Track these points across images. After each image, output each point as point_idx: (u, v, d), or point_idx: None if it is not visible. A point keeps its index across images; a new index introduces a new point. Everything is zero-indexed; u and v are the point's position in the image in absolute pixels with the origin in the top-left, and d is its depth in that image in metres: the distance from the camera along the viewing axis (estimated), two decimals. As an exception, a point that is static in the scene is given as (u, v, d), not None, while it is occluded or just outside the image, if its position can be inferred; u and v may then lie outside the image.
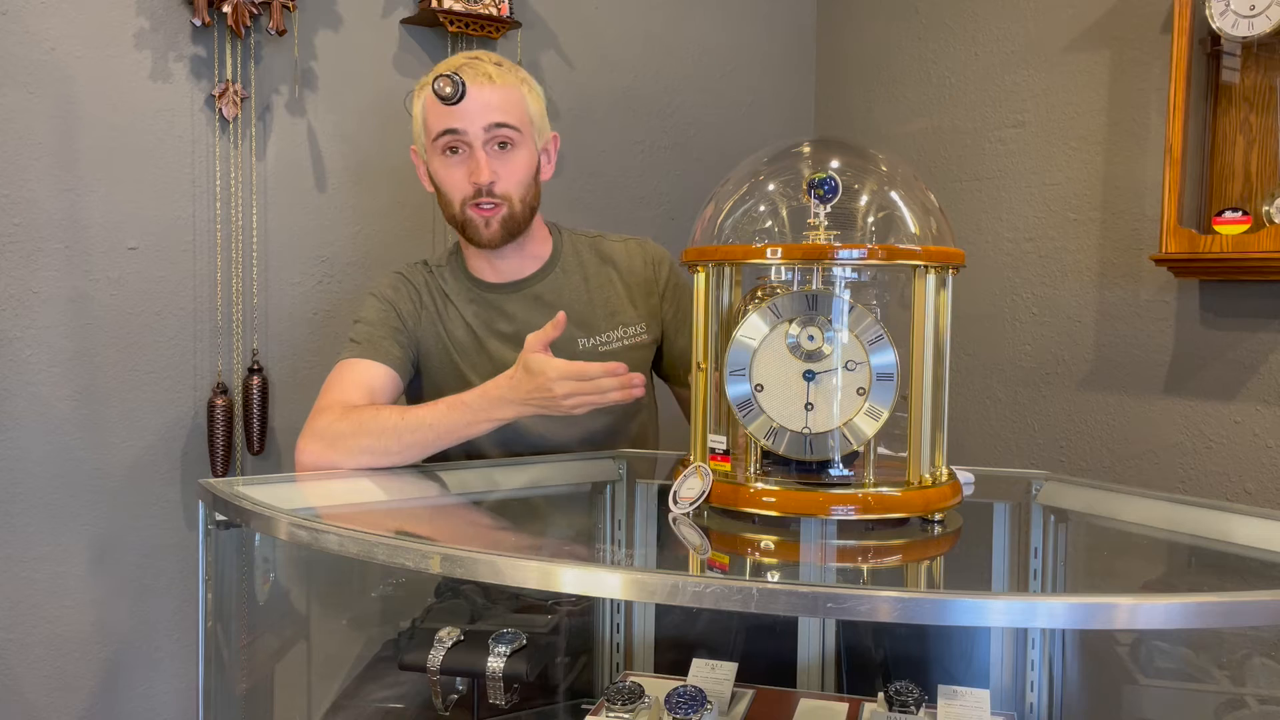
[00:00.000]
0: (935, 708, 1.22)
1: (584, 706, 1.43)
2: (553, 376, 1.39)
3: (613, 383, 1.40)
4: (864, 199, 1.23)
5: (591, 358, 1.66)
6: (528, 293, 1.69)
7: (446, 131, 1.57)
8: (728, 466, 1.21)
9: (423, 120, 1.62)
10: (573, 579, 1.01)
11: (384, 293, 1.68)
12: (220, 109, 1.92)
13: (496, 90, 1.58)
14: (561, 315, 1.42)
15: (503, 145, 1.59)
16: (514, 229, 1.63)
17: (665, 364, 1.78)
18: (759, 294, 1.23)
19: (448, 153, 1.59)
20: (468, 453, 1.58)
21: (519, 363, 1.43)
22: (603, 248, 1.76)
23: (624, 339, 1.70)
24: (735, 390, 1.17)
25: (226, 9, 1.86)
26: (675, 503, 1.19)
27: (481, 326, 1.67)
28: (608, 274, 1.73)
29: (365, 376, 1.58)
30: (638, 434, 1.74)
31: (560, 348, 1.65)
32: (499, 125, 1.58)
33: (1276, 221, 1.65)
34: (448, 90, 1.52)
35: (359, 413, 1.49)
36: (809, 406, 1.15)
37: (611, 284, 1.73)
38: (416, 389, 1.71)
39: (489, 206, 1.59)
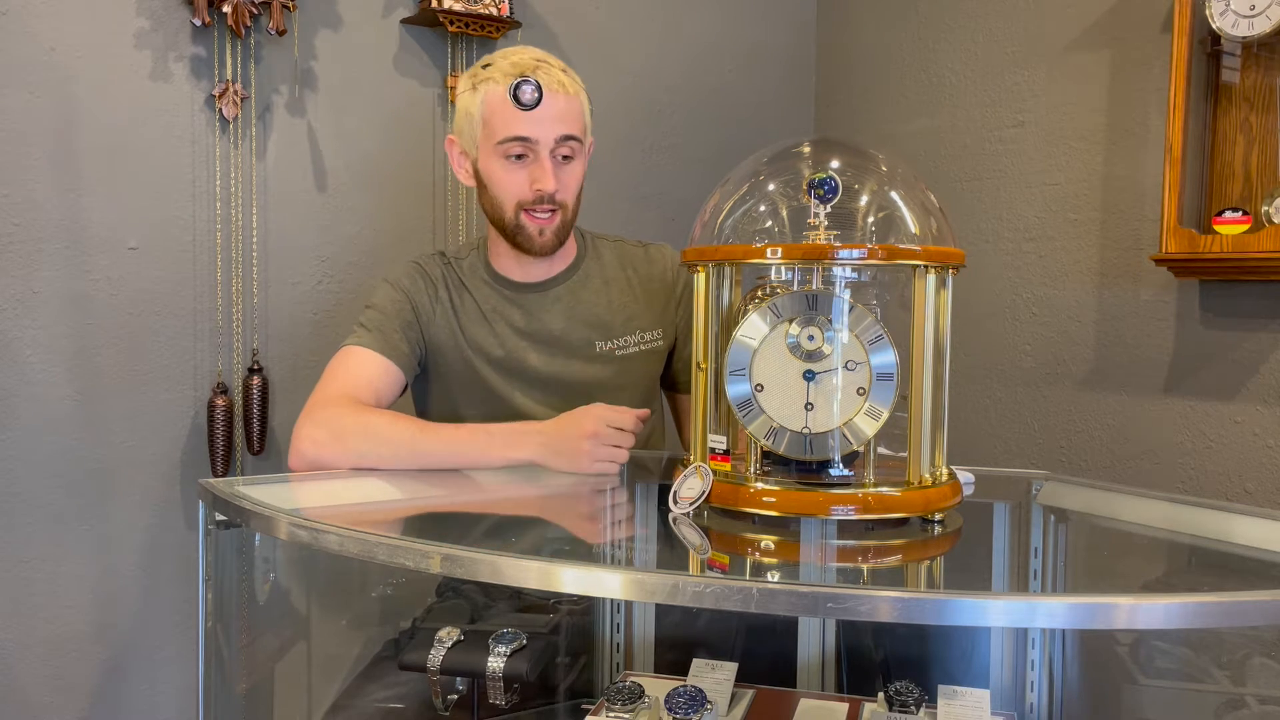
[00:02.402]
0: (935, 708, 1.22)
1: (584, 706, 1.43)
2: (595, 414, 1.44)
3: (631, 437, 1.45)
4: (864, 199, 1.23)
5: (608, 361, 1.68)
6: (549, 294, 1.69)
7: (517, 138, 1.55)
8: (728, 466, 1.21)
9: (481, 117, 1.58)
10: (573, 579, 1.01)
11: (400, 283, 1.66)
12: (220, 109, 1.92)
13: (570, 101, 1.57)
14: (646, 411, 1.50)
15: (566, 157, 1.59)
16: (564, 238, 1.64)
17: (672, 369, 1.78)
18: (759, 294, 1.23)
19: (511, 158, 1.57)
20: None
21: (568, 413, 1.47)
22: (623, 252, 1.76)
23: (640, 344, 1.70)
24: (735, 390, 1.17)
25: (226, 9, 1.86)
26: (675, 503, 1.19)
27: (500, 321, 1.67)
28: (627, 279, 1.73)
29: (371, 371, 1.57)
30: (643, 443, 1.74)
31: (578, 350, 1.66)
32: (568, 137, 1.57)
33: (1276, 221, 1.65)
34: (533, 98, 1.50)
35: (372, 416, 1.48)
36: (809, 406, 1.15)
37: (630, 289, 1.73)
38: (424, 386, 1.70)
39: (545, 215, 1.59)
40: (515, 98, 1.51)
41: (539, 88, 1.52)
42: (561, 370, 1.66)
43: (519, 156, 1.57)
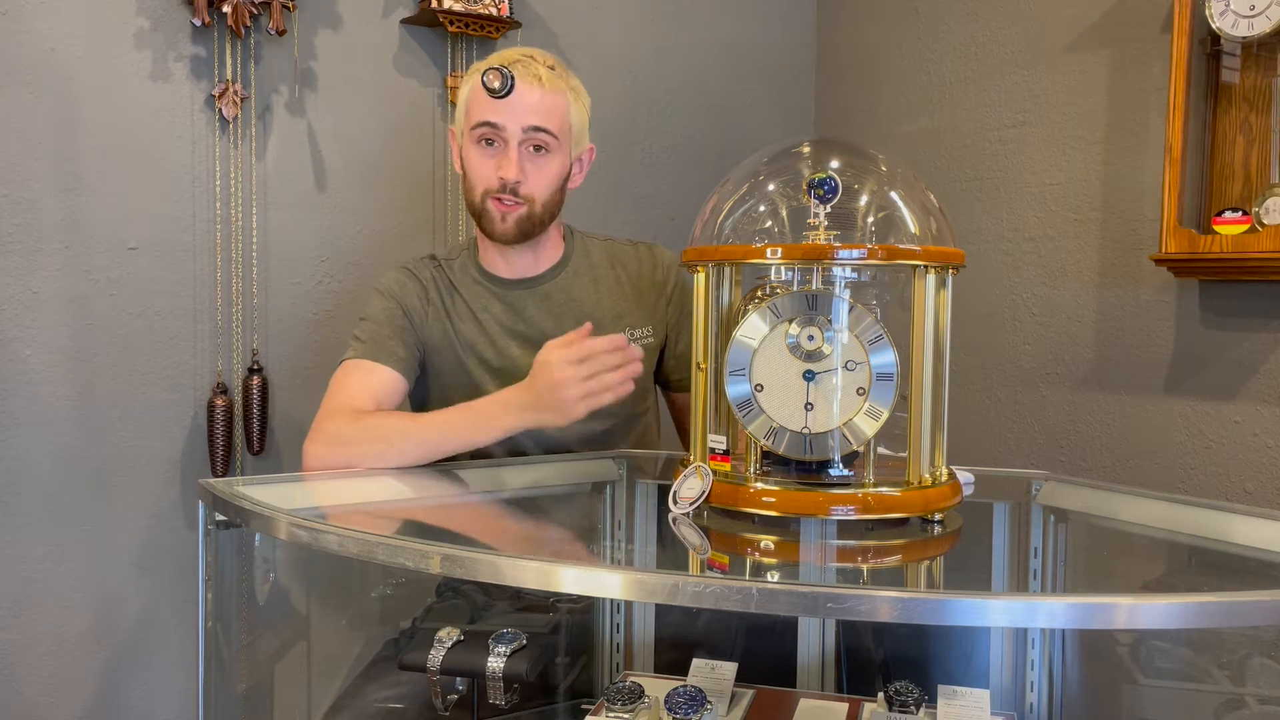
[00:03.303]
0: (935, 708, 1.22)
1: (584, 706, 1.43)
2: (554, 360, 1.40)
3: (614, 359, 1.41)
4: (864, 199, 1.23)
5: None
6: (538, 290, 1.70)
7: (485, 123, 1.59)
8: (728, 466, 1.21)
9: (464, 105, 1.64)
10: (573, 579, 1.01)
11: (390, 290, 1.68)
12: (220, 109, 1.92)
13: (545, 94, 1.60)
14: (588, 325, 1.45)
15: (538, 148, 1.61)
16: (529, 231, 1.64)
17: (665, 367, 1.79)
18: (759, 294, 1.23)
19: (483, 143, 1.61)
20: (472, 453, 1.58)
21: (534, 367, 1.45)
22: (613, 251, 1.77)
23: (631, 341, 1.70)
24: (735, 390, 1.17)
25: (226, 9, 1.86)
26: (675, 503, 1.19)
27: (490, 320, 1.68)
28: (616, 277, 1.74)
29: (371, 381, 1.59)
30: (639, 438, 1.75)
31: None
32: (537, 129, 1.59)
33: (1267, 223, 1.65)
34: (496, 84, 1.53)
35: (369, 418, 1.50)
36: (809, 406, 1.15)
37: (620, 287, 1.74)
38: (423, 387, 1.71)
39: (509, 203, 1.61)
40: (484, 85, 1.55)
41: (509, 77, 1.55)
42: None
43: (489, 143, 1.61)
